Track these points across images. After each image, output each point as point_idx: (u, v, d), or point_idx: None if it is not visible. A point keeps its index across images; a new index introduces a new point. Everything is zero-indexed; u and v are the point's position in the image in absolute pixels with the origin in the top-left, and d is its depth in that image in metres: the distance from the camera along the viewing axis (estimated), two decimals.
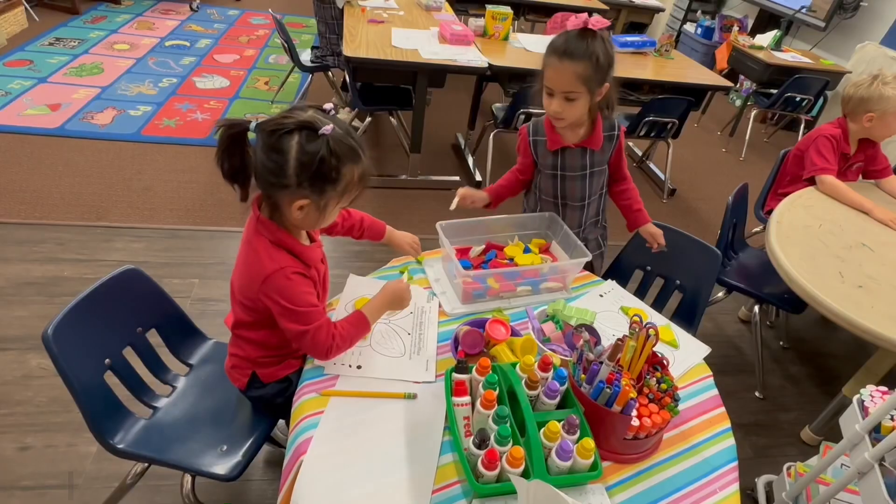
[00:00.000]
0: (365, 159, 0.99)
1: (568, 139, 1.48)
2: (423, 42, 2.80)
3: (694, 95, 3.02)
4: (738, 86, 4.96)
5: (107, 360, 1.13)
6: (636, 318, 1.06)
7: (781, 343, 2.40)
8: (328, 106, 0.98)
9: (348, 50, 2.51)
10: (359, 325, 1.10)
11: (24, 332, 1.86)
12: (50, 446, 1.55)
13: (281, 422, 1.37)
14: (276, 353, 1.16)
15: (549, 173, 1.53)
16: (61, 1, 4.59)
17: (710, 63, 4.95)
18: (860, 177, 2.22)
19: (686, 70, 3.20)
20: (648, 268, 1.69)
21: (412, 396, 1.05)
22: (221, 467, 1.12)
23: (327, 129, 0.92)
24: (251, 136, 0.96)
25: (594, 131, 1.47)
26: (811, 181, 2.11)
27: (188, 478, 1.23)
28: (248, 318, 1.10)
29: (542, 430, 0.91)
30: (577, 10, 3.93)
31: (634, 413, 0.95)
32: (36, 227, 2.33)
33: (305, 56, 3.38)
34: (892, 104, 1.95)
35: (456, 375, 0.98)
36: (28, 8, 4.26)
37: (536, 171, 1.58)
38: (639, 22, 5.36)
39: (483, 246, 1.45)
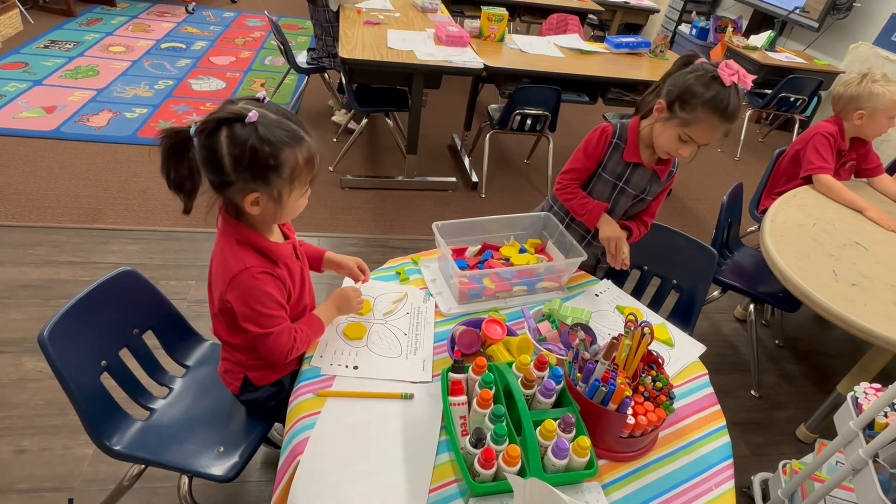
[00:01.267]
0: (309, 140, 0.95)
1: (645, 157, 1.45)
2: (419, 43, 2.80)
3: None
4: None
5: (103, 362, 1.13)
6: (631, 317, 1.07)
7: (777, 342, 2.41)
8: (261, 94, 0.95)
9: (344, 51, 2.52)
10: (315, 328, 1.12)
11: (19, 334, 1.86)
12: (46, 449, 1.55)
13: (278, 423, 1.37)
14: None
15: (609, 181, 1.49)
16: (56, 3, 4.58)
17: None
18: (853, 175, 2.24)
19: None
20: (645, 267, 1.69)
21: (409, 396, 1.05)
22: (218, 468, 1.12)
23: (252, 115, 0.88)
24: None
25: (668, 162, 1.46)
26: (808, 179, 2.12)
27: (185, 479, 1.23)
28: (224, 321, 1.09)
29: (538, 429, 0.91)
30: (572, 11, 3.94)
31: (630, 411, 0.95)
32: (31, 229, 2.32)
33: (301, 58, 3.38)
34: (881, 101, 1.97)
35: (452, 375, 0.99)
36: (23, 10, 4.25)
37: (593, 176, 1.54)
38: (634, 23, 5.38)
39: (479, 246, 1.46)
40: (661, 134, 1.35)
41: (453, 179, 3.15)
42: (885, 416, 1.22)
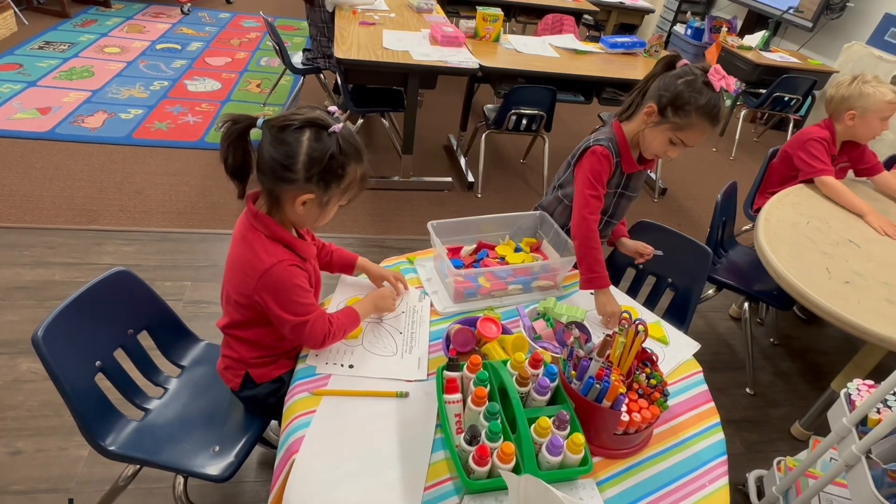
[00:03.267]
0: (366, 161, 1.04)
1: (637, 161, 1.46)
2: (415, 44, 2.81)
3: None
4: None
5: (97, 363, 1.12)
6: (625, 315, 1.08)
7: (771, 340, 2.42)
8: (333, 108, 1.01)
9: (339, 52, 2.52)
10: (351, 318, 1.15)
11: (14, 336, 1.85)
12: (41, 450, 1.54)
13: (274, 422, 1.37)
14: (269, 352, 1.16)
15: (610, 192, 1.49)
16: (51, 4, 4.57)
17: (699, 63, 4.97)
18: (848, 174, 2.24)
19: None
20: (640, 266, 1.70)
21: (404, 395, 1.05)
22: (214, 468, 1.12)
23: (337, 126, 0.96)
24: (255, 133, 0.98)
25: (653, 160, 1.48)
26: (809, 182, 2.12)
27: (180, 479, 1.23)
28: (242, 317, 1.10)
29: (532, 426, 0.92)
30: (567, 12, 3.95)
31: (624, 408, 0.96)
32: (26, 231, 2.31)
33: (297, 58, 3.38)
34: (871, 102, 1.97)
35: (447, 373, 0.99)
36: (17, 12, 4.24)
37: None
38: (629, 23, 5.40)
39: (474, 245, 1.46)
40: (654, 139, 1.35)
41: (449, 179, 3.15)
42: (878, 412, 1.23)
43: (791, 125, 4.30)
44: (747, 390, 2.13)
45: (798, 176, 2.15)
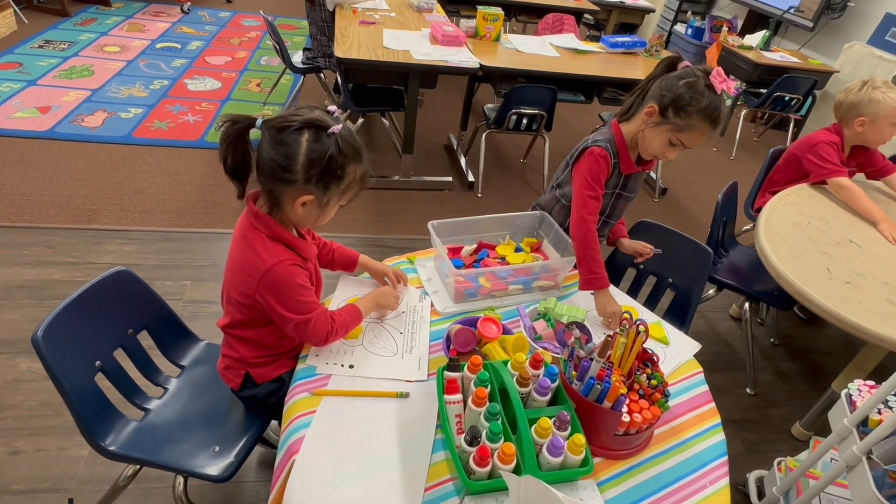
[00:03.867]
0: (365, 161, 1.04)
1: (633, 160, 1.45)
2: (415, 43, 2.80)
3: None
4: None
5: (97, 363, 1.12)
6: (626, 315, 1.07)
7: (772, 340, 2.42)
8: (332, 108, 1.01)
9: (340, 51, 2.52)
10: (353, 314, 1.15)
11: (14, 335, 1.85)
12: (41, 450, 1.54)
13: (274, 422, 1.37)
14: (269, 352, 1.16)
15: (608, 192, 1.48)
16: (51, 3, 4.56)
17: (700, 63, 4.97)
18: (855, 177, 2.22)
19: None
20: (641, 266, 1.70)
21: (404, 395, 1.05)
22: (214, 468, 1.12)
23: (337, 127, 0.96)
24: (255, 133, 0.98)
25: (652, 160, 1.48)
26: (813, 183, 2.11)
27: (180, 479, 1.23)
28: (243, 316, 1.10)
29: (533, 427, 0.92)
30: (568, 11, 3.94)
31: (625, 409, 0.95)
32: (26, 230, 2.31)
33: (297, 58, 3.37)
34: (881, 108, 1.94)
35: (448, 373, 0.99)
36: (17, 10, 4.23)
37: None
38: (629, 23, 5.39)
39: (475, 245, 1.46)
40: (654, 139, 1.35)
41: (449, 179, 3.15)
42: (879, 412, 1.22)
43: (791, 125, 4.30)
44: (748, 390, 2.13)
45: (804, 178, 2.14)
